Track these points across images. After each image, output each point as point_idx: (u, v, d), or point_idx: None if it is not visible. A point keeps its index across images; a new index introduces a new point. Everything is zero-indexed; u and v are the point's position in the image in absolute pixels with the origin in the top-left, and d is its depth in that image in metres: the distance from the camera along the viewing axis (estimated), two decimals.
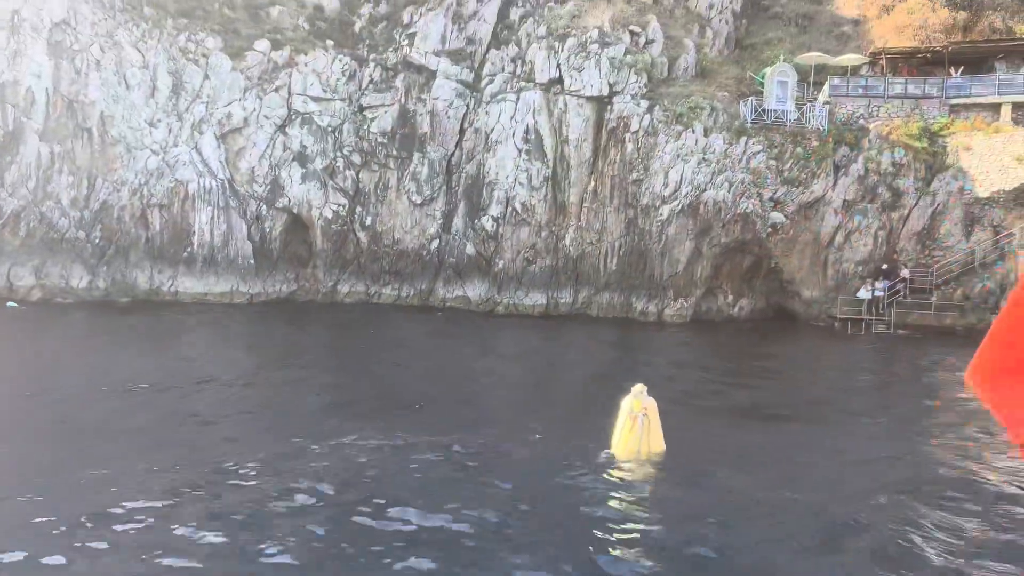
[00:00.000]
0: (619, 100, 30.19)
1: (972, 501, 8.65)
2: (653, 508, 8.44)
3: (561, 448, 10.29)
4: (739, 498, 8.54)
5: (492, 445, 10.12)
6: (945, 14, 35.85)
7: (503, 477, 8.81)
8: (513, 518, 7.65)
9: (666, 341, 24.87)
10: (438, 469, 9.03)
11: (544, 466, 9.43)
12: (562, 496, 8.49)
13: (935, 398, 16.85)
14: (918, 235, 30.68)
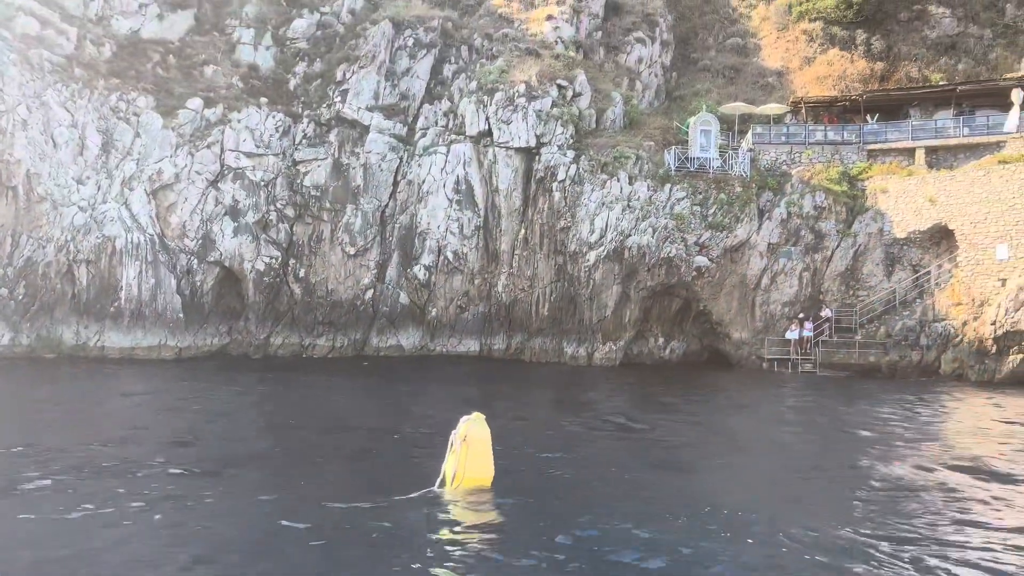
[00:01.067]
0: (546, 151, 31.04)
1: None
2: (479, 530, 8.68)
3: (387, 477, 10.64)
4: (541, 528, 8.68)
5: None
6: (863, 65, 37.46)
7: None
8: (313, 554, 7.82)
9: (577, 381, 25.13)
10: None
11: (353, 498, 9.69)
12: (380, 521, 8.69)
13: (823, 437, 17.25)
14: (842, 275, 31.52)
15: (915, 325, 29.67)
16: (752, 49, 39.92)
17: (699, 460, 13.59)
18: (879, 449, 14.31)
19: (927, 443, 15.19)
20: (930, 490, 11.06)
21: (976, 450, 14.30)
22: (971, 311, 28.31)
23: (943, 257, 30.09)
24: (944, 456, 13.66)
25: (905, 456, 13.59)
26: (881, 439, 15.39)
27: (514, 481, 10.52)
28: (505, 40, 34.90)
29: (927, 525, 9.23)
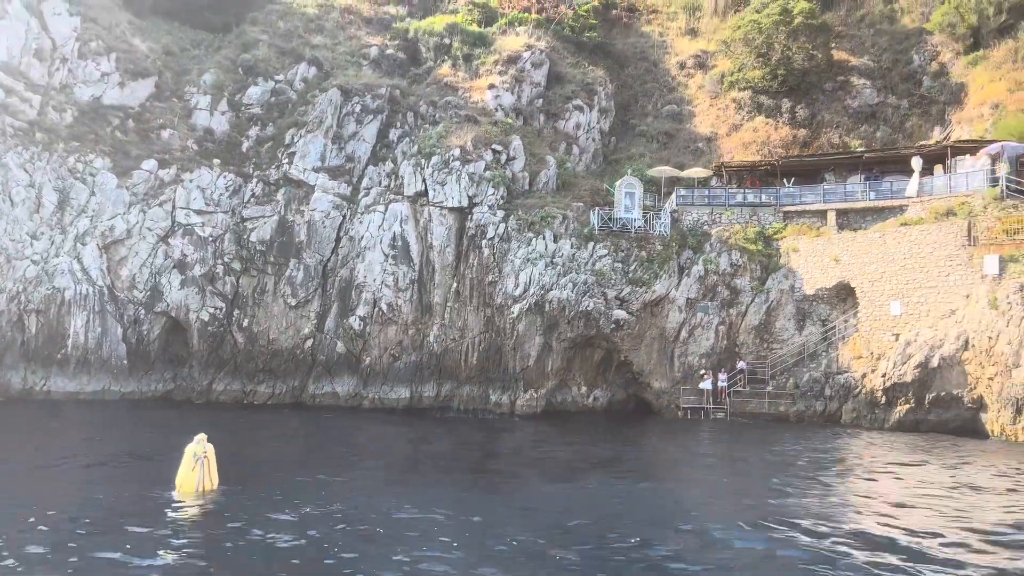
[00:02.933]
0: (478, 211, 33.24)
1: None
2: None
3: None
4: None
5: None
6: (787, 131, 39.93)
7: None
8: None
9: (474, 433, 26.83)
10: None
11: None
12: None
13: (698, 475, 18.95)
14: (756, 329, 33.40)
15: (820, 377, 31.47)
16: (686, 116, 42.46)
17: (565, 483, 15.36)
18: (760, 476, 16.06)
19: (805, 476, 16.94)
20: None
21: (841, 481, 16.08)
22: (870, 364, 30.14)
23: (848, 312, 32.03)
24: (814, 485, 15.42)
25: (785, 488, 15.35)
26: (768, 469, 17.14)
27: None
28: (448, 107, 37.41)
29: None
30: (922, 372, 27.66)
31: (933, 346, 27.75)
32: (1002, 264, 27.08)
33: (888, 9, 44.50)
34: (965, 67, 39.47)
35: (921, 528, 12.12)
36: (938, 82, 40.25)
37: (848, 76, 41.86)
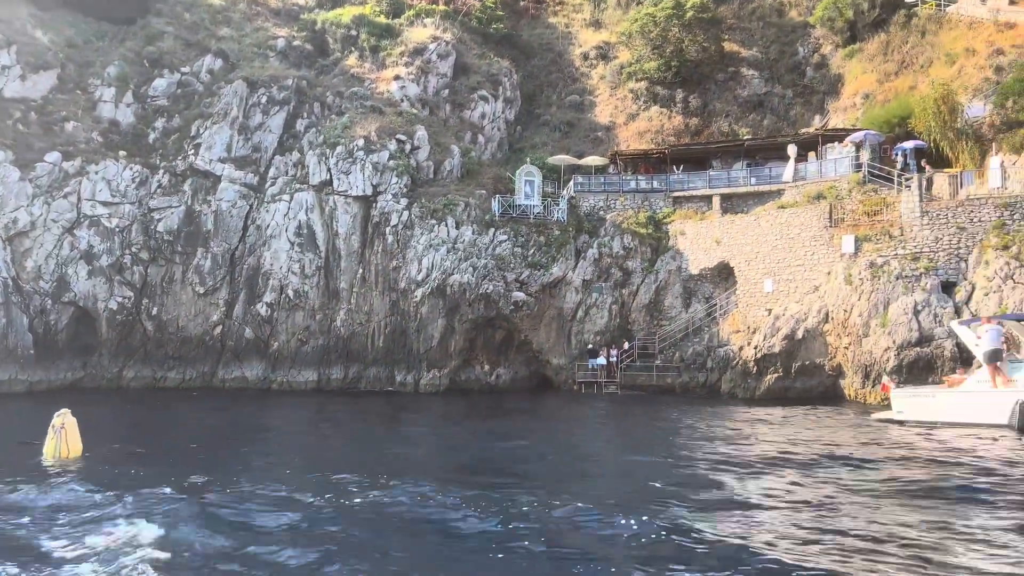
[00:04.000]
0: (382, 199, 34.59)
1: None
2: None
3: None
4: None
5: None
6: (679, 120, 42.21)
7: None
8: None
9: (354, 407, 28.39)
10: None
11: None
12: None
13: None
14: (646, 307, 35.62)
15: (703, 350, 33.90)
16: (588, 106, 44.40)
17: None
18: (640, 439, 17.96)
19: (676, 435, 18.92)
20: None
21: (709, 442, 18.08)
22: (746, 337, 32.61)
23: (728, 290, 34.46)
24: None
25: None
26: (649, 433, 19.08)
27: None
28: (354, 98, 38.53)
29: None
30: (789, 344, 30.20)
31: (799, 319, 30.32)
32: (857, 243, 29.71)
33: (777, 2, 47.07)
34: (843, 59, 42.26)
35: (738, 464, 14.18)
36: (819, 73, 43.01)
37: (738, 67, 44.33)
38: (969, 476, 12.57)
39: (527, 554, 8.51)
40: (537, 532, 9.35)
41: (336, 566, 8.00)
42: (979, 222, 27.72)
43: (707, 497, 11.40)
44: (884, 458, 14.61)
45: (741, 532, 9.17)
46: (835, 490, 11.77)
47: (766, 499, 11.28)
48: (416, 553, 8.76)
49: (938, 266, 27.78)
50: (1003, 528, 9.25)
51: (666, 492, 11.64)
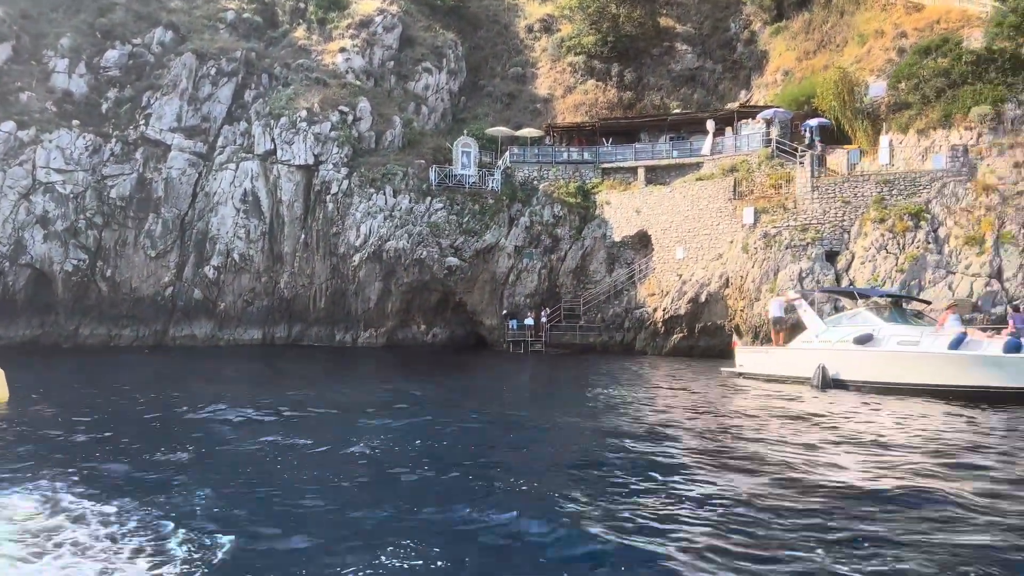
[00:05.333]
0: (323, 168, 36.73)
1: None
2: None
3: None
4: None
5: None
6: (613, 94, 44.40)
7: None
8: None
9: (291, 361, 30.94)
10: None
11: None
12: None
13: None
14: (573, 272, 38.23)
15: (622, 312, 36.65)
16: (529, 78, 46.43)
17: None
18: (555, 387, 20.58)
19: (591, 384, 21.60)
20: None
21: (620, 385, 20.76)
22: (659, 300, 35.37)
23: (647, 256, 37.09)
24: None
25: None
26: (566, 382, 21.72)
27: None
28: (300, 70, 40.37)
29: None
30: (693, 306, 32.99)
31: (703, 284, 33.06)
32: (756, 215, 32.35)
33: None
34: (769, 36, 44.44)
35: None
36: (748, 49, 45.22)
37: (673, 42, 46.44)
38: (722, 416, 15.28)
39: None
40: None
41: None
42: (862, 197, 30.41)
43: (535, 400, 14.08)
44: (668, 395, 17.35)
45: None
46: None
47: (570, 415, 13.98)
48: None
49: (824, 236, 30.49)
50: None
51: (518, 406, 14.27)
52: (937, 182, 29.48)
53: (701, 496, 7.86)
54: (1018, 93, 30.31)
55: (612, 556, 6.04)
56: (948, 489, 8.08)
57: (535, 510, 7.33)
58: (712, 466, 9.53)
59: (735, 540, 6.35)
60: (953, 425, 13.06)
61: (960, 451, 10.53)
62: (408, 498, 7.90)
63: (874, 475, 8.91)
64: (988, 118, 29.82)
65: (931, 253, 28.46)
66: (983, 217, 28.48)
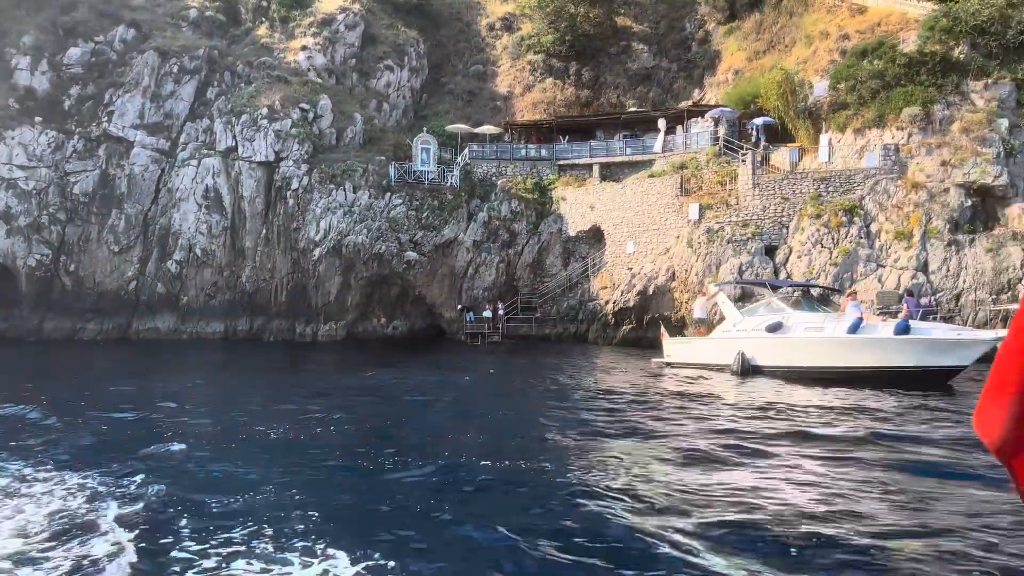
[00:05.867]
0: (284, 164, 37.54)
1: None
2: None
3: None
4: None
5: None
6: (571, 92, 45.53)
7: None
8: None
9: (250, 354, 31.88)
10: None
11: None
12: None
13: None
14: (530, 266, 39.39)
15: (576, 304, 37.86)
16: (490, 76, 47.42)
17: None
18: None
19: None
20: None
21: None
22: (611, 293, 36.60)
23: (600, 251, 38.31)
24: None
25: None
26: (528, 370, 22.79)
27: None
28: (262, 67, 41.09)
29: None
30: (642, 299, 34.24)
31: (651, 278, 34.32)
32: (701, 211, 33.64)
33: None
34: (723, 36, 45.76)
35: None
36: (702, 48, 46.50)
37: (630, 41, 47.62)
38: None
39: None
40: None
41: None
42: (800, 193, 31.79)
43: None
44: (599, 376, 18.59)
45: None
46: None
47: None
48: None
49: (763, 232, 31.84)
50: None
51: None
52: (870, 179, 30.93)
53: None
54: (947, 95, 31.85)
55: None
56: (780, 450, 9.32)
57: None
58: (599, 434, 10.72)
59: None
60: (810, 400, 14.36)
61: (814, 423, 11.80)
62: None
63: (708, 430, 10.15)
64: (918, 118, 31.32)
65: (863, 247, 29.91)
66: (912, 213, 29.98)
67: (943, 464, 8.97)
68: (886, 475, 8.33)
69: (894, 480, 8.11)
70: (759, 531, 6.33)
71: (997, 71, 32.03)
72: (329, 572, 5.49)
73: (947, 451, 9.67)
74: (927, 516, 6.84)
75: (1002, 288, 28.05)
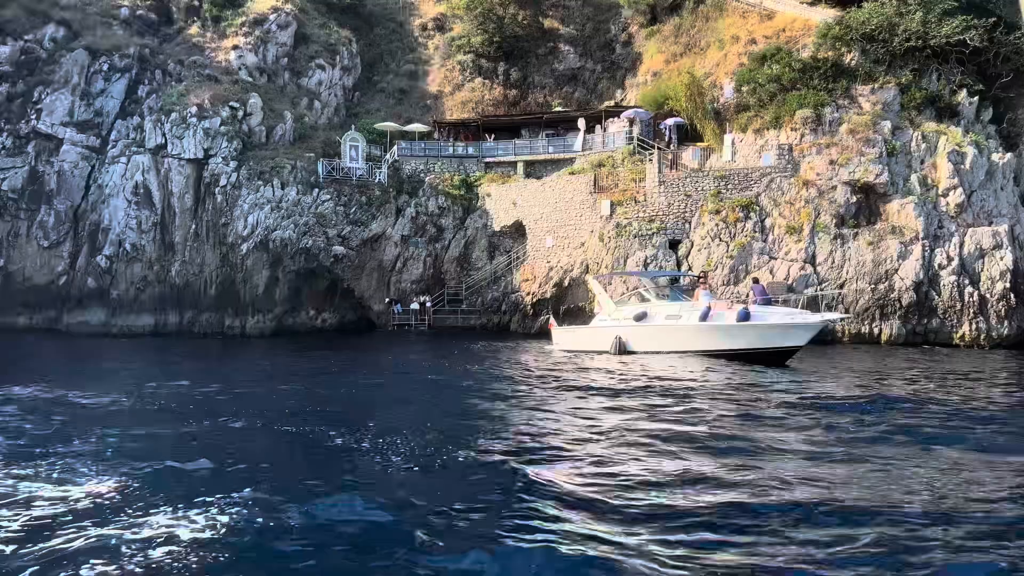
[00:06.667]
0: (213, 161, 38.49)
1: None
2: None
3: None
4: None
5: None
6: (499, 91, 47.10)
7: None
8: None
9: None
10: None
11: None
12: None
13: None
14: (457, 260, 40.90)
15: (500, 296, 39.48)
16: (421, 75, 48.77)
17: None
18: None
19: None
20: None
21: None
22: (532, 285, 38.31)
23: (523, 245, 39.96)
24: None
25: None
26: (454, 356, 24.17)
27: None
28: (193, 66, 41.92)
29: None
30: (558, 290, 36.03)
31: (567, 270, 36.11)
32: (613, 207, 35.48)
33: None
34: (644, 39, 47.67)
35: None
36: (625, 50, 48.38)
37: (557, 43, 49.33)
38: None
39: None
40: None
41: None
42: (702, 191, 33.79)
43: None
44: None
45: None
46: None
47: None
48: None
49: (668, 227, 33.79)
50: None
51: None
52: (766, 177, 33.05)
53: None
54: (837, 98, 34.12)
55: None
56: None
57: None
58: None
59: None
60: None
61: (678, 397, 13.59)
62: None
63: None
64: (810, 120, 33.54)
65: (757, 241, 32.02)
66: (802, 209, 32.16)
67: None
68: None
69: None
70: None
71: (883, 76, 34.40)
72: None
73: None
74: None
75: (880, 278, 30.39)
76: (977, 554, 5.39)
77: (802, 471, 7.72)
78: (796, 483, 7.24)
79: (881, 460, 8.29)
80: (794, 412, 11.64)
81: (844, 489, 7.08)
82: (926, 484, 7.31)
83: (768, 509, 6.37)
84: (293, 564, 5.27)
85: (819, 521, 6.05)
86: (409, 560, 5.26)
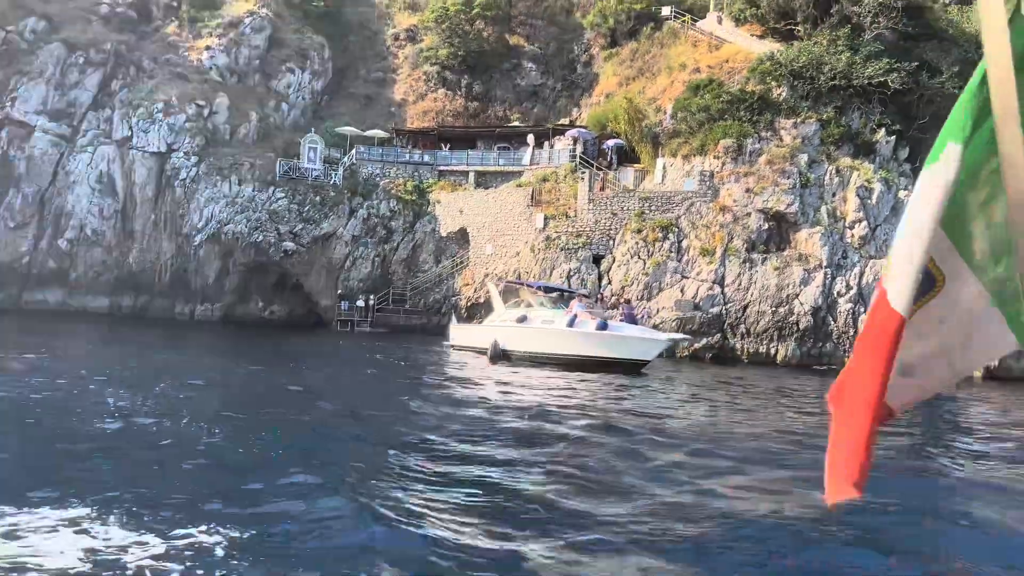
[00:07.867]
0: (175, 156, 40.58)
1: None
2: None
3: None
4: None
5: None
6: (461, 103, 49.18)
7: None
8: None
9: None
10: None
11: None
12: None
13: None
14: (405, 261, 42.92)
15: (441, 298, 41.51)
16: (388, 83, 50.87)
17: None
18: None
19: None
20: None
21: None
22: (470, 290, 40.33)
23: (467, 251, 42.00)
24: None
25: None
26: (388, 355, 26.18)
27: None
28: (167, 64, 44.03)
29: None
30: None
31: (501, 277, 38.07)
32: (546, 221, 37.53)
33: (568, 2, 54.14)
34: (604, 61, 49.74)
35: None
36: (585, 71, 50.47)
37: (521, 59, 51.40)
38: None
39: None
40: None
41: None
42: (627, 210, 35.83)
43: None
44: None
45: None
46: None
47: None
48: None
49: (593, 242, 35.83)
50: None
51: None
52: (687, 201, 35.08)
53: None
54: (760, 130, 36.13)
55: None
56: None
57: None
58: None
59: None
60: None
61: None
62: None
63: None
64: (731, 149, 35.55)
65: (672, 260, 34.03)
66: (717, 232, 34.17)
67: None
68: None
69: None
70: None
71: (806, 111, 36.41)
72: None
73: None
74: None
75: (781, 302, 32.38)
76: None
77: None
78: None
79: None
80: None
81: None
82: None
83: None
84: None
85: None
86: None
